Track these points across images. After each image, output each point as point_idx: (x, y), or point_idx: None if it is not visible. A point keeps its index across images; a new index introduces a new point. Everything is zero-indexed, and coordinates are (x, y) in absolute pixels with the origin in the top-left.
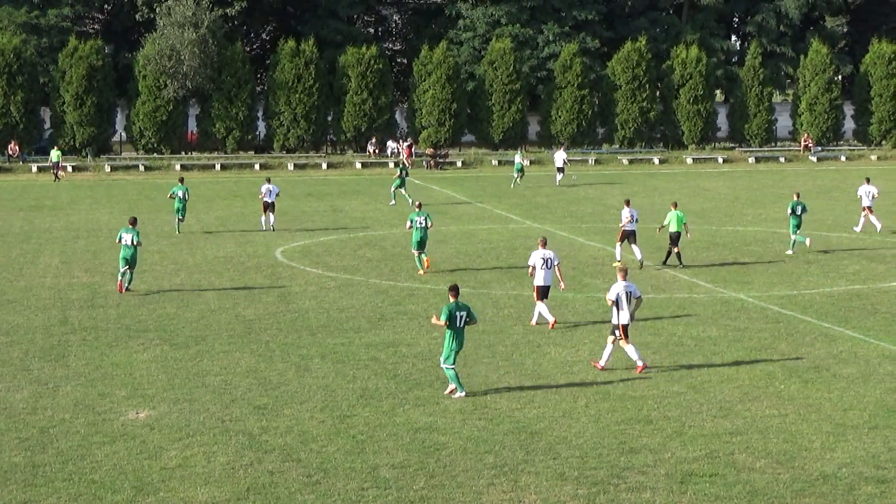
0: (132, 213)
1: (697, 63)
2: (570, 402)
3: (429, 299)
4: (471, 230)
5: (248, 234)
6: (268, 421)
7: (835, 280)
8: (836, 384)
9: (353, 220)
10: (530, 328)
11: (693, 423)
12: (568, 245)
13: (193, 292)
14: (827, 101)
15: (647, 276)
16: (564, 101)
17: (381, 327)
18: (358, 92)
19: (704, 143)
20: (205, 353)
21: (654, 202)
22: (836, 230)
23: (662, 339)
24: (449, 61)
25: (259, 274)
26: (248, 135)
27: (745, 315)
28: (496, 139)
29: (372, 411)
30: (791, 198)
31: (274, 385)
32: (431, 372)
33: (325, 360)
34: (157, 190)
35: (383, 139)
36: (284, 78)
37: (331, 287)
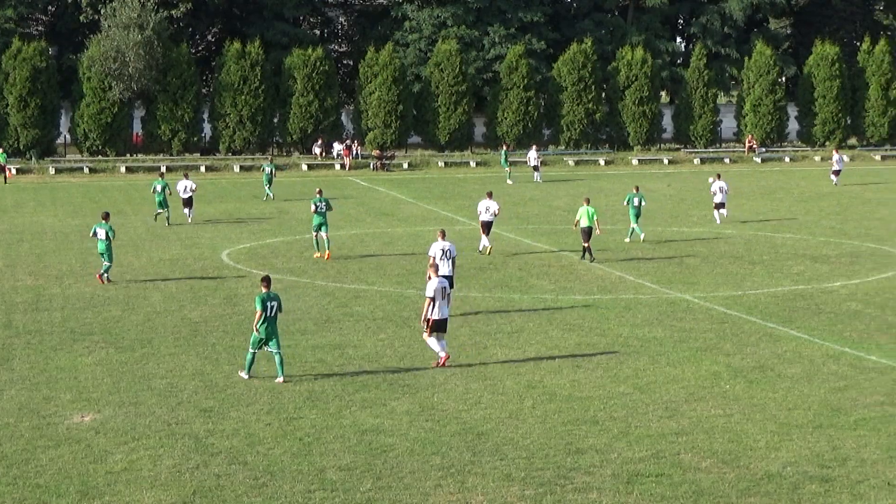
0: (77, 216)
1: (643, 65)
2: (517, 403)
3: (376, 301)
4: (417, 232)
5: (194, 237)
6: (214, 424)
7: (779, 280)
8: (780, 384)
9: (300, 222)
10: (477, 329)
11: (639, 423)
12: (514, 246)
13: (139, 295)
14: (771, 102)
15: (593, 278)
16: (510, 103)
17: (328, 329)
18: (304, 94)
19: (650, 144)
20: (150, 356)
21: (600, 203)
22: (782, 231)
23: (608, 340)
24: (395, 63)
25: (205, 276)
26: (193, 137)
27: (690, 316)
28: (442, 141)
29: (319, 413)
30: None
31: (220, 388)
32: (378, 374)
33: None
34: (102, 192)
35: (329, 141)
36: (230, 80)
37: (277, 289)
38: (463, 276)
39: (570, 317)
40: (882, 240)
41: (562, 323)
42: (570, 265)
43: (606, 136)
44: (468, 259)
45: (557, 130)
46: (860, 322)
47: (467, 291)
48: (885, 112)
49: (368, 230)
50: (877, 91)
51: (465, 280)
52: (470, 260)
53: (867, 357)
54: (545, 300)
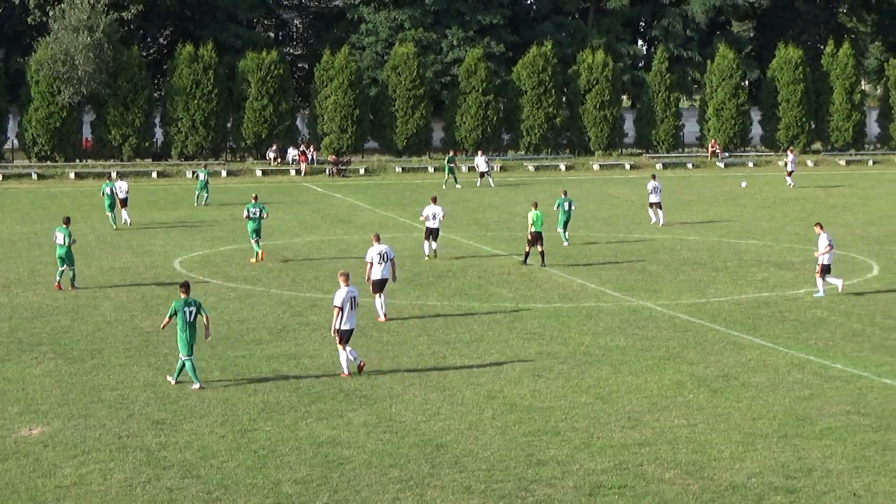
0: (25, 223)
1: (604, 68)
2: (477, 414)
3: (331, 309)
4: None
5: (146, 244)
6: (166, 436)
7: (743, 288)
8: (745, 393)
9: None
10: (435, 338)
11: (601, 434)
12: (474, 253)
13: (89, 304)
14: (734, 106)
15: (553, 286)
16: (469, 107)
17: (283, 339)
18: (258, 98)
19: (611, 149)
20: (101, 367)
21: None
22: (745, 237)
23: (570, 349)
24: (351, 66)
25: (157, 285)
26: (145, 142)
27: (653, 324)
28: (399, 146)
29: (274, 425)
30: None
31: (172, 399)
32: (335, 384)
33: (224, 372)
34: (51, 199)
35: (284, 146)
36: (182, 83)
37: (231, 298)
38: (421, 284)
39: (531, 325)
40: (847, 246)
41: (522, 332)
42: (530, 273)
43: (567, 140)
44: (426, 266)
45: (517, 135)
46: (825, 330)
47: (425, 300)
48: (850, 116)
49: (324, 237)
50: (841, 95)
51: (424, 288)
52: (428, 268)
53: (832, 365)
54: (505, 308)
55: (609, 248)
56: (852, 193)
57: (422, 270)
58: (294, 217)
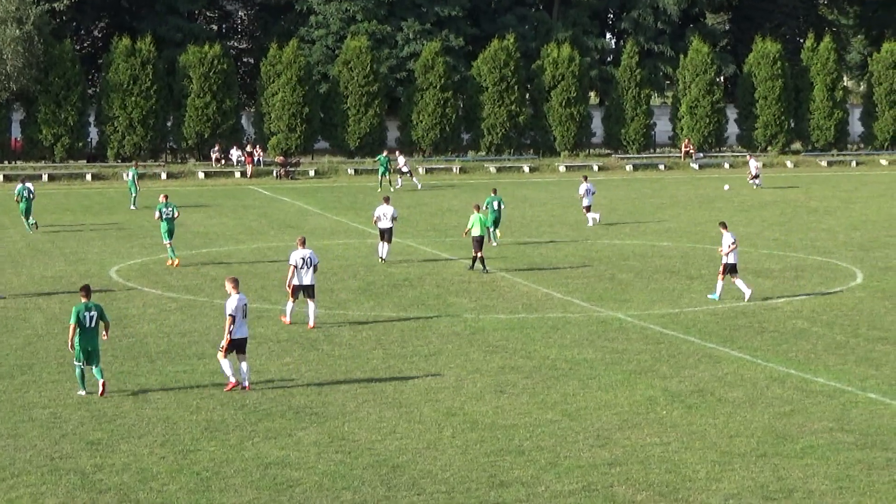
0: None
1: (570, 63)
2: (435, 433)
3: (279, 321)
4: (325, 246)
5: (80, 252)
6: (102, 458)
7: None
8: (721, 409)
9: (196, 235)
10: (391, 352)
11: (568, 453)
12: (431, 261)
13: (18, 316)
14: (708, 103)
15: (516, 295)
16: (426, 105)
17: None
18: (200, 95)
19: (578, 149)
20: (31, 384)
21: (525, 213)
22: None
23: (534, 363)
24: (300, 61)
25: (92, 295)
26: (78, 142)
27: (623, 336)
28: (352, 146)
29: (218, 445)
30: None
31: (109, 418)
32: (283, 401)
33: (165, 389)
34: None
35: (228, 146)
36: (119, 79)
37: (172, 309)
38: (374, 293)
39: (493, 338)
40: (829, 252)
41: (483, 344)
42: (492, 281)
43: (531, 140)
44: (380, 275)
45: (477, 134)
46: (806, 341)
47: (380, 310)
48: (831, 114)
49: (271, 244)
50: (822, 92)
51: (377, 298)
52: (382, 276)
53: (814, 379)
54: (465, 320)
55: (576, 255)
56: (834, 196)
57: (376, 279)
58: (239, 222)
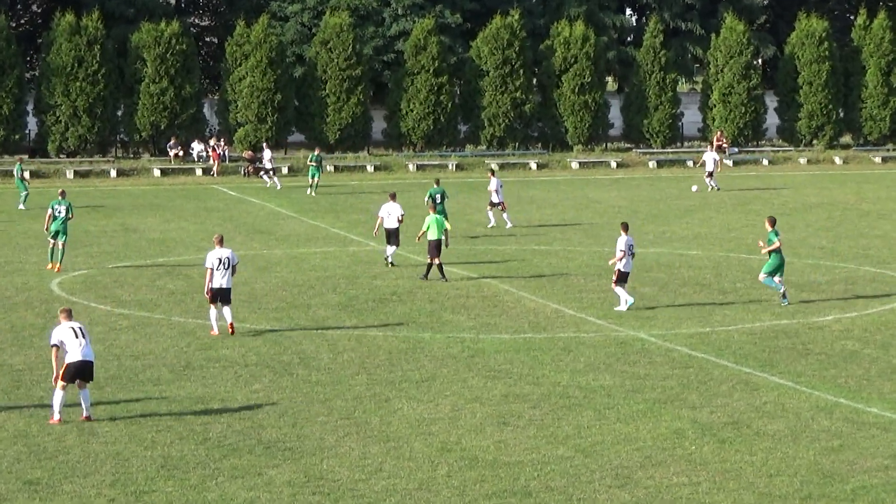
0: None
1: (584, 43)
2: (428, 471)
3: (248, 342)
4: (300, 254)
5: (15, 261)
6: (42, 500)
7: (757, 314)
8: (759, 444)
9: (151, 242)
10: (377, 377)
11: (583, 495)
12: (423, 272)
13: None
14: (744, 90)
15: (522, 311)
16: (417, 91)
17: (187, 378)
18: (156, 80)
19: (593, 143)
20: None
21: (532, 217)
22: (759, 252)
23: (543, 390)
24: (271, 41)
25: (30, 312)
26: (14, 134)
27: (646, 359)
28: (331, 139)
29: (176, 485)
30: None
31: (50, 454)
32: (251, 434)
33: (115, 421)
34: None
35: (188, 139)
36: (61, 61)
37: (122, 327)
38: (358, 309)
39: (495, 361)
40: (884, 262)
41: (484, 369)
42: (493, 296)
43: (539, 133)
44: (364, 288)
45: (477, 126)
46: (858, 366)
47: (364, 329)
48: (887, 103)
49: (238, 251)
50: (875, 77)
51: (361, 315)
52: (367, 290)
53: (867, 409)
54: (463, 340)
55: (591, 265)
56: (889, 197)
57: (359, 293)
58: (200, 227)
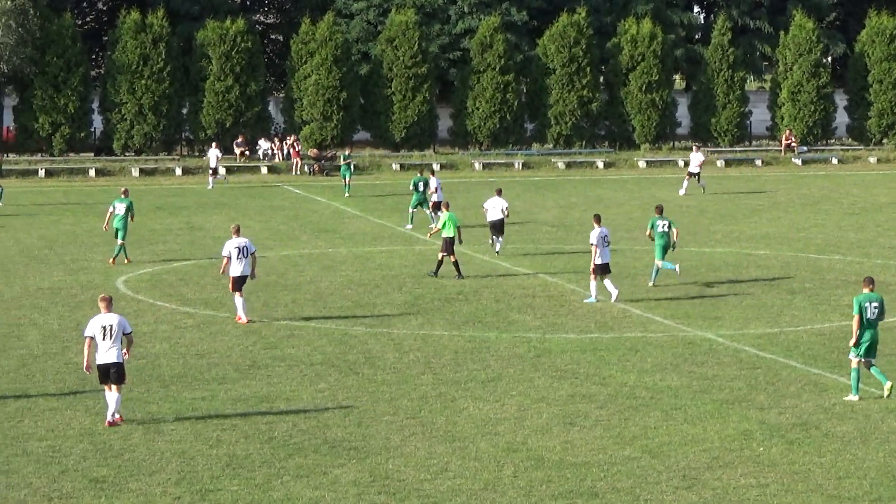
0: None
1: (651, 41)
2: (494, 471)
3: (313, 341)
4: (366, 253)
5: (82, 260)
6: (108, 498)
7: (826, 314)
8: (828, 445)
9: (216, 240)
10: (443, 377)
11: (650, 496)
12: (490, 271)
13: (11, 333)
14: (813, 88)
15: (588, 311)
16: (483, 90)
17: (253, 377)
18: (221, 77)
19: (660, 141)
20: (26, 412)
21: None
22: (828, 251)
23: (610, 391)
24: (336, 39)
25: (95, 310)
26: (80, 132)
27: (713, 359)
28: (397, 137)
29: (241, 484)
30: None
31: (116, 452)
32: (317, 434)
33: (180, 419)
34: None
35: (253, 137)
36: (127, 59)
37: (188, 326)
38: (424, 308)
39: (561, 361)
40: None
41: (550, 369)
42: (560, 295)
43: (606, 131)
44: (430, 287)
45: (543, 124)
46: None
47: (430, 329)
48: None
49: (304, 251)
50: None
51: (428, 314)
52: (433, 289)
53: None
54: (529, 340)
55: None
56: None
57: (425, 292)
58: (266, 226)
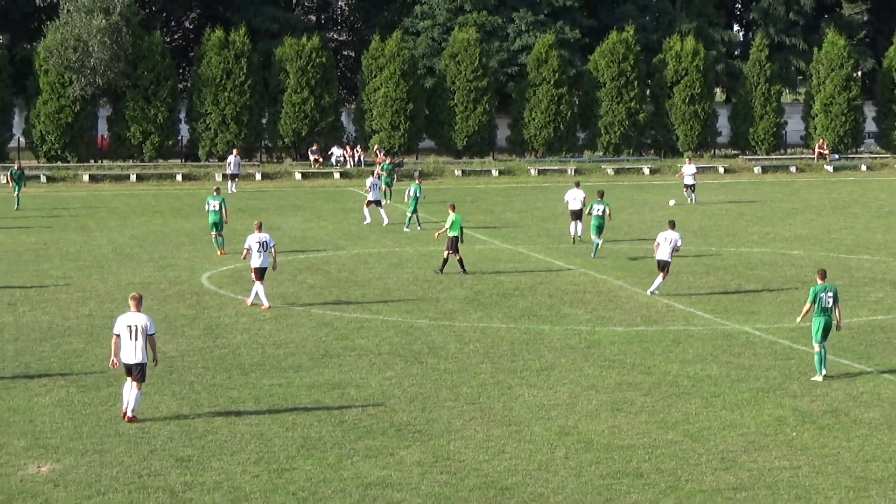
0: (32, 232)
1: (694, 56)
2: (547, 453)
3: (381, 332)
4: (430, 252)
5: (169, 257)
6: (192, 475)
7: (854, 310)
8: (856, 431)
9: (293, 239)
10: (500, 366)
11: (690, 476)
12: (545, 269)
13: (104, 325)
14: (845, 101)
15: (635, 306)
16: (539, 101)
17: (325, 366)
18: (297, 90)
19: (702, 149)
20: (118, 396)
21: (645, 218)
22: (857, 251)
23: (654, 379)
24: (404, 54)
25: (182, 303)
26: (168, 140)
27: (750, 351)
28: (459, 145)
29: (315, 464)
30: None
31: (200, 433)
32: (384, 418)
33: (259, 403)
34: (62, 204)
35: (327, 145)
36: (211, 73)
37: (266, 318)
38: (484, 303)
39: (609, 352)
40: None
41: (599, 359)
42: (609, 291)
43: (652, 140)
44: (488, 283)
45: (594, 133)
46: None
47: (489, 322)
48: None
49: (373, 249)
50: None
51: (486, 308)
52: (491, 284)
53: None
54: (580, 332)
55: (700, 264)
56: None
57: (484, 288)
58: (338, 226)
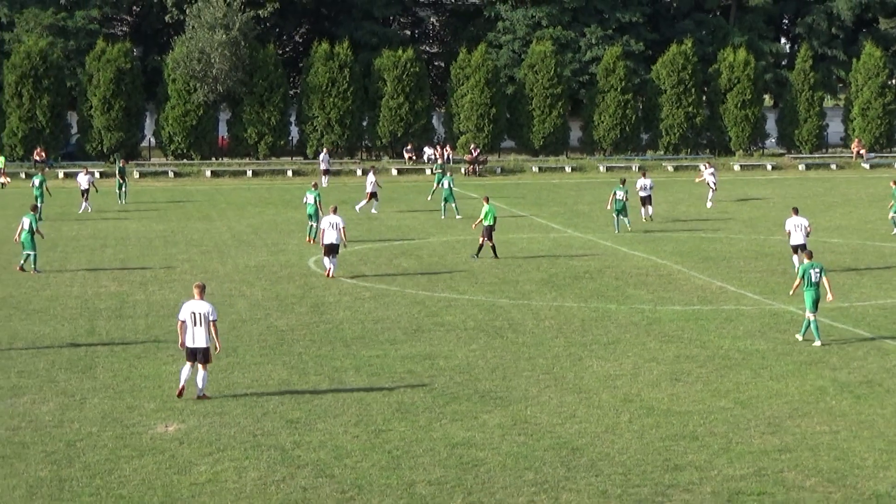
0: (161, 221)
1: (745, 66)
2: (613, 418)
3: (467, 310)
4: (510, 239)
5: (281, 243)
6: (300, 435)
7: (888, 292)
8: (889, 399)
9: (389, 228)
10: (572, 340)
11: (740, 439)
12: (611, 254)
13: (224, 302)
14: (880, 105)
15: (692, 288)
16: (607, 106)
17: (418, 339)
18: (394, 96)
19: (752, 149)
20: (236, 365)
21: (701, 211)
22: (891, 240)
23: (709, 353)
24: (488, 64)
25: (291, 284)
26: (280, 140)
27: (794, 328)
28: (536, 145)
29: (408, 426)
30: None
31: (307, 398)
32: (469, 385)
33: (359, 372)
34: (187, 197)
35: (420, 145)
36: (318, 81)
37: (365, 297)
38: (557, 284)
39: (669, 328)
40: None
41: (660, 334)
42: (668, 274)
43: (707, 140)
44: (562, 267)
45: (656, 135)
46: None
47: (562, 301)
48: None
49: (459, 237)
50: None
51: (560, 289)
52: (564, 268)
53: None
54: (643, 310)
55: (750, 250)
56: None
57: (558, 271)
58: (429, 217)
